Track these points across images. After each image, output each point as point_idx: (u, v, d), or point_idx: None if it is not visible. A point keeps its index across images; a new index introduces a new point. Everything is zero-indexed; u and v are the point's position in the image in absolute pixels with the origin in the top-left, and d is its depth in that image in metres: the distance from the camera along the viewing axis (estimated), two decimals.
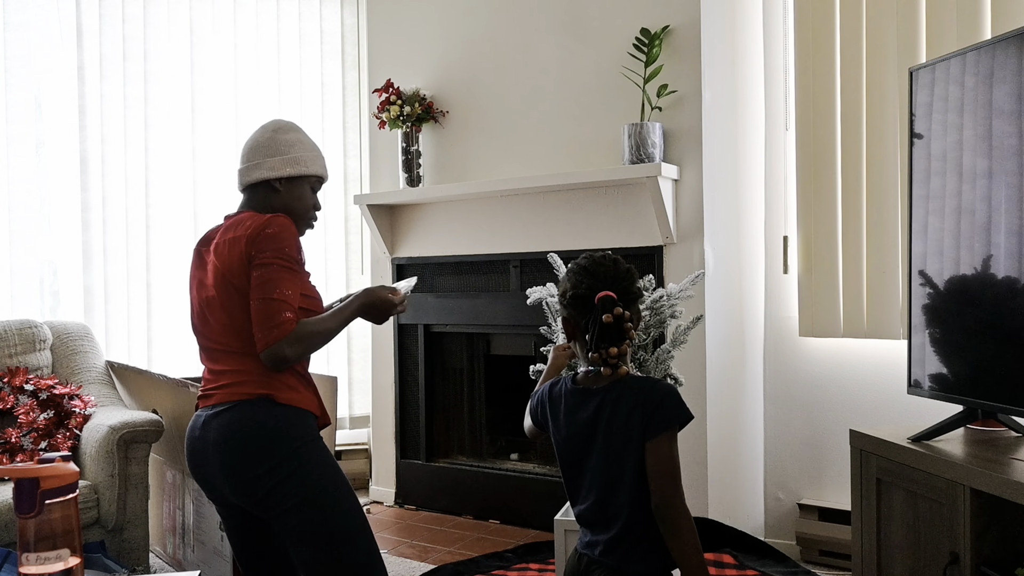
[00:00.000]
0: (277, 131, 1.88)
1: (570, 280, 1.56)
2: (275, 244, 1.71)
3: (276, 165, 1.83)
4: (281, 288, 1.68)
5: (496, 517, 3.66)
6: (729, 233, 3.23)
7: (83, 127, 3.65)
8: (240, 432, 1.71)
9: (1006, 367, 1.74)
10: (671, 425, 1.45)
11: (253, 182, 1.85)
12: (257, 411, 1.72)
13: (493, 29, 3.65)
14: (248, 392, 1.73)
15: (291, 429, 1.73)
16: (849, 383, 3.12)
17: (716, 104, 3.17)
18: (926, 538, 1.79)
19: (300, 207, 1.88)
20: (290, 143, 1.86)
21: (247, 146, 1.89)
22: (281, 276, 1.69)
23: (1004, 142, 1.74)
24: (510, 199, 3.55)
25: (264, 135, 1.88)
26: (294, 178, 1.85)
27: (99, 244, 3.68)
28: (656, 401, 1.46)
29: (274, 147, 1.85)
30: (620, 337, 1.47)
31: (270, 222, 1.73)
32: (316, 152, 1.90)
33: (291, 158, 1.85)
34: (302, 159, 1.86)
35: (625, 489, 1.46)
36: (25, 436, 2.83)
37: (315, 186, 1.90)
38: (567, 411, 1.56)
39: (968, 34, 2.69)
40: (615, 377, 1.49)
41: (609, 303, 1.47)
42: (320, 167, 1.90)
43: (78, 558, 1.41)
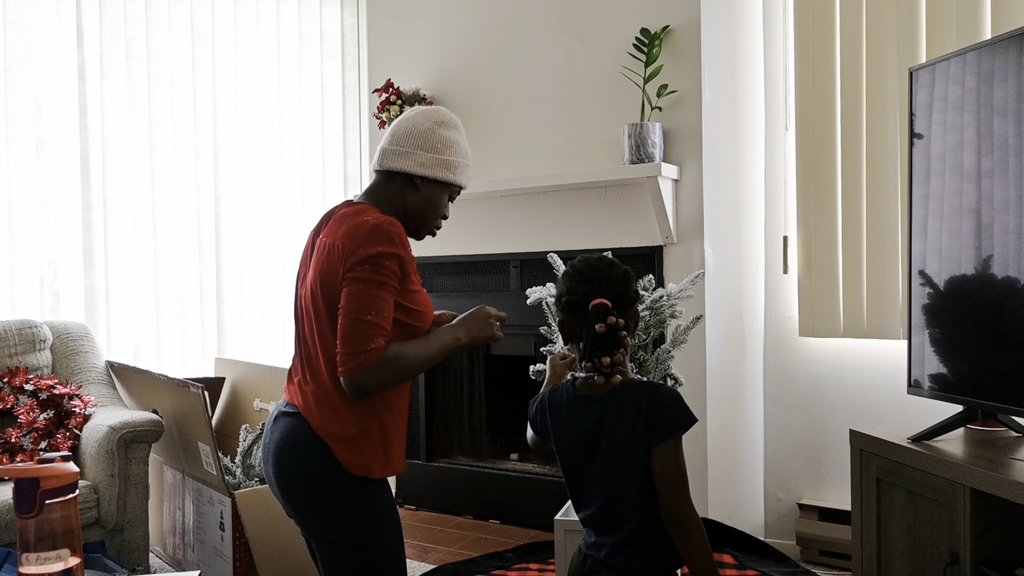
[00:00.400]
0: (439, 125, 1.68)
1: (564, 284, 1.54)
2: (377, 256, 1.51)
3: (427, 163, 1.65)
4: (377, 308, 1.49)
5: (496, 517, 3.66)
6: (729, 233, 3.23)
7: (84, 127, 3.64)
8: (298, 440, 1.59)
9: (1006, 367, 1.74)
10: (675, 431, 1.44)
11: (394, 170, 1.66)
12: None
13: (493, 29, 3.65)
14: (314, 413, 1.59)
15: None
16: (849, 383, 3.12)
17: (716, 104, 3.17)
18: (926, 538, 1.79)
19: (433, 215, 1.70)
20: (448, 143, 1.67)
21: (401, 128, 1.67)
22: (372, 293, 1.50)
23: (1004, 142, 1.74)
24: (510, 199, 3.55)
25: (424, 124, 1.67)
26: (439, 182, 1.67)
27: (100, 244, 3.68)
28: (660, 408, 1.44)
29: (431, 142, 1.65)
30: (614, 346, 1.45)
31: (378, 228, 1.52)
32: (469, 160, 1.72)
33: (444, 160, 1.66)
34: (455, 165, 1.67)
35: (632, 495, 1.45)
36: (25, 436, 2.83)
37: (453, 195, 1.72)
38: (568, 418, 1.54)
39: (968, 34, 2.69)
40: (612, 384, 1.47)
41: (603, 311, 1.45)
42: (468, 179, 1.72)
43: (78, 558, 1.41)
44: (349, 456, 1.56)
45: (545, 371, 2.56)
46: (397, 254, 1.52)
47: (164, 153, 3.84)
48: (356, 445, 1.56)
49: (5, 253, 3.48)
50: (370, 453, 1.57)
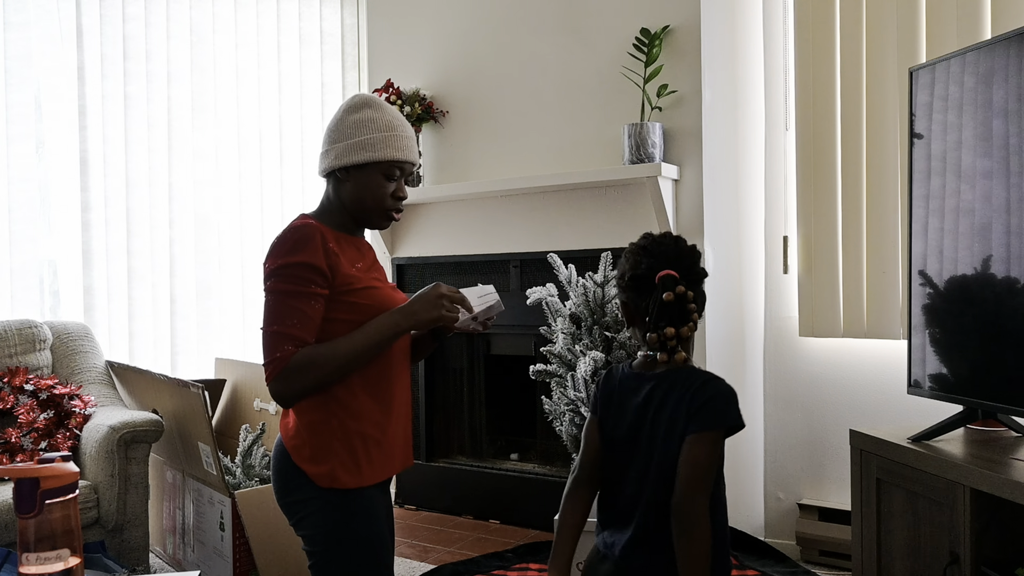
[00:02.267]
0: (348, 110, 1.61)
1: (628, 261, 1.48)
2: (278, 261, 1.49)
3: (341, 152, 1.58)
4: (282, 317, 1.47)
5: (496, 517, 3.66)
6: (729, 233, 3.23)
7: (83, 127, 3.65)
8: (276, 462, 1.61)
9: (1006, 367, 1.74)
10: (715, 426, 1.38)
11: (324, 173, 1.63)
12: None
13: (493, 29, 3.65)
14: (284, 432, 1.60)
15: None
16: (849, 383, 3.12)
17: (716, 104, 3.17)
18: (926, 538, 1.79)
19: (371, 199, 1.59)
20: (359, 124, 1.58)
21: (326, 130, 1.65)
22: (279, 303, 1.48)
23: (1004, 142, 1.73)
24: (510, 199, 3.55)
25: (336, 116, 1.62)
26: (362, 165, 1.57)
27: (100, 244, 3.68)
28: (707, 398, 1.38)
29: (342, 130, 1.59)
30: (682, 319, 1.39)
31: (281, 238, 1.52)
32: (391, 132, 1.58)
33: (357, 143, 1.57)
34: (370, 142, 1.57)
35: (664, 485, 1.39)
36: (25, 436, 2.83)
37: (389, 172, 1.59)
38: (620, 397, 1.48)
39: (968, 34, 2.69)
40: (673, 365, 1.41)
41: (671, 282, 1.40)
42: (394, 149, 1.58)
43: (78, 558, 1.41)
44: (311, 466, 1.53)
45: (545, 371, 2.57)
46: (301, 262, 1.48)
47: (164, 153, 3.84)
48: (314, 452, 1.53)
49: (5, 253, 3.48)
50: (332, 458, 1.53)
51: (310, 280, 1.48)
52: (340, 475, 1.54)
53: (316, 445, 1.54)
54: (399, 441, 1.64)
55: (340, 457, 1.54)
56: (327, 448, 1.54)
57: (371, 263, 1.67)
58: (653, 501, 1.41)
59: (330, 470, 1.53)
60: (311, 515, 1.55)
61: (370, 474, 1.57)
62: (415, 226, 3.88)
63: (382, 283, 1.64)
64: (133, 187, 3.77)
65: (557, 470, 3.56)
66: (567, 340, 2.52)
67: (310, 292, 1.49)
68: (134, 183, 3.77)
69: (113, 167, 3.72)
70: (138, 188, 3.78)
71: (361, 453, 1.56)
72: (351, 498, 1.55)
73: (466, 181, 3.67)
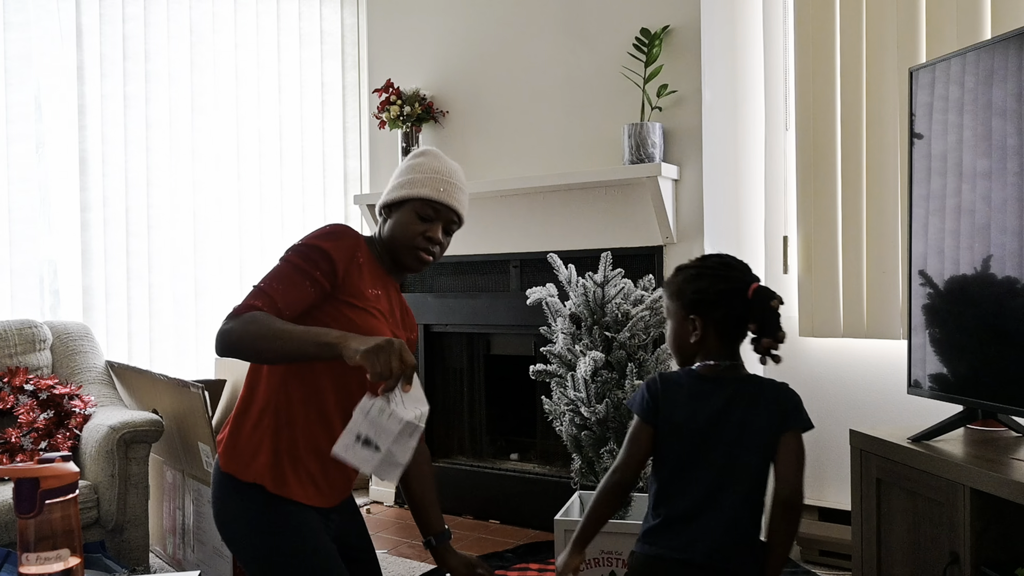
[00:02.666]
0: (410, 157, 1.70)
1: (710, 277, 1.58)
2: (304, 239, 1.56)
3: (388, 191, 1.67)
4: (273, 279, 1.50)
5: (496, 517, 3.66)
6: (729, 233, 3.23)
7: (83, 127, 3.65)
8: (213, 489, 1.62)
9: (1006, 367, 1.74)
10: (808, 425, 1.55)
11: (377, 213, 1.72)
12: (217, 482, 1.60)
13: (493, 29, 3.65)
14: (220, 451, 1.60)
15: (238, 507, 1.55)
16: (849, 383, 3.12)
17: (716, 104, 3.17)
18: (926, 538, 1.79)
19: (401, 236, 1.63)
20: (410, 167, 1.66)
21: None
22: (281, 270, 1.52)
23: (1004, 142, 1.73)
24: (510, 199, 3.55)
25: (399, 166, 1.71)
26: (400, 203, 1.64)
27: (99, 244, 3.68)
28: (795, 402, 1.56)
29: (397, 173, 1.69)
30: (778, 326, 1.54)
31: (317, 228, 1.61)
32: (430, 174, 1.63)
33: (400, 182, 1.65)
34: (410, 181, 1.63)
35: (746, 485, 1.52)
36: (25, 436, 2.83)
37: (423, 211, 1.62)
38: (691, 396, 1.56)
39: (968, 34, 2.69)
40: (740, 372, 1.57)
41: (769, 291, 1.54)
42: (429, 189, 1.62)
43: (78, 558, 1.41)
44: (237, 464, 1.53)
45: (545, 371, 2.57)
46: (321, 247, 1.53)
47: (164, 153, 3.84)
48: (243, 448, 1.54)
49: (5, 253, 3.48)
50: (260, 456, 1.53)
51: (319, 266, 1.52)
52: (265, 474, 1.52)
53: (247, 442, 1.54)
54: (337, 479, 1.61)
55: (267, 459, 1.53)
56: (258, 446, 1.54)
57: (389, 303, 1.66)
58: (746, 498, 1.52)
59: (257, 467, 1.52)
60: (237, 520, 1.54)
61: (296, 492, 1.54)
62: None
63: (386, 318, 1.61)
64: (133, 187, 3.77)
65: (557, 470, 3.56)
66: (567, 340, 2.52)
67: (313, 275, 1.51)
68: (134, 183, 3.77)
69: (113, 167, 3.72)
70: (138, 188, 3.78)
71: (288, 469, 1.53)
72: (278, 506, 1.53)
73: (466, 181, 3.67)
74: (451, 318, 3.75)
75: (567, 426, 2.48)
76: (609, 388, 2.39)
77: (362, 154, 4.38)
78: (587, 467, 2.48)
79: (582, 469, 2.49)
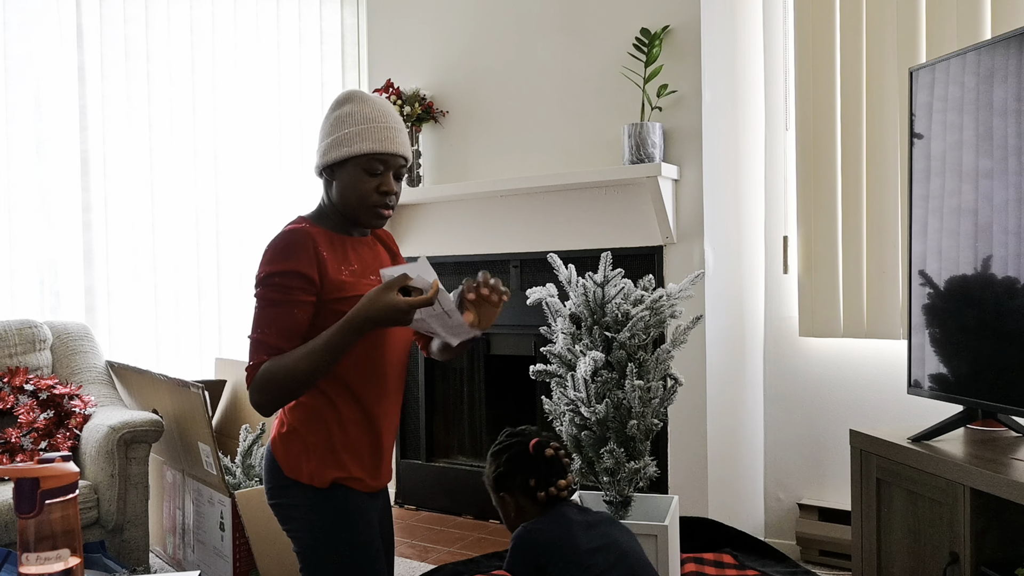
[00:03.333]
0: (332, 107, 1.56)
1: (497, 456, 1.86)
2: (266, 268, 1.47)
3: (323, 151, 1.54)
4: (262, 324, 1.47)
5: (496, 517, 3.65)
6: (729, 233, 3.23)
7: (84, 127, 3.64)
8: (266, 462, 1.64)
9: (1006, 367, 1.74)
10: None
11: (317, 173, 1.59)
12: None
13: (493, 29, 3.65)
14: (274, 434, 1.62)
15: None
16: (849, 383, 3.12)
17: (716, 104, 3.17)
18: (926, 538, 1.79)
19: (354, 196, 1.52)
20: (339, 120, 1.53)
21: None
22: (262, 312, 1.47)
23: (1004, 142, 1.74)
24: (510, 199, 3.55)
25: (326, 114, 1.57)
26: (342, 162, 1.52)
27: (100, 244, 3.68)
28: None
29: (326, 128, 1.55)
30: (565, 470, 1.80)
31: (271, 243, 1.50)
32: (369, 124, 1.51)
33: (336, 139, 1.52)
34: (347, 137, 1.50)
35: None
36: (25, 436, 2.83)
37: (370, 166, 1.51)
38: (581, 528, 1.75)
39: (968, 34, 2.69)
40: None
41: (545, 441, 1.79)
42: (371, 141, 1.50)
43: (78, 558, 1.41)
44: (294, 466, 1.55)
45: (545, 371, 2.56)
46: (287, 270, 1.45)
47: (164, 153, 3.84)
48: (297, 452, 1.55)
49: (5, 253, 3.48)
50: (313, 458, 1.54)
51: (296, 288, 1.46)
52: (323, 471, 1.54)
53: (299, 445, 1.55)
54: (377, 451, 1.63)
55: (320, 454, 1.55)
56: (309, 448, 1.55)
57: (368, 263, 1.62)
58: None
59: (311, 469, 1.54)
60: (297, 517, 1.56)
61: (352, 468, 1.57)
62: (415, 226, 3.88)
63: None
64: (133, 187, 3.76)
65: None
66: (567, 340, 2.51)
67: (294, 300, 1.47)
68: (134, 183, 3.77)
69: (113, 167, 3.72)
70: (138, 188, 3.78)
71: (341, 453, 1.56)
72: (337, 500, 1.55)
73: (466, 181, 3.67)
74: None
75: (567, 426, 2.48)
76: (609, 388, 2.38)
77: None
78: (587, 467, 2.47)
79: (582, 469, 2.49)
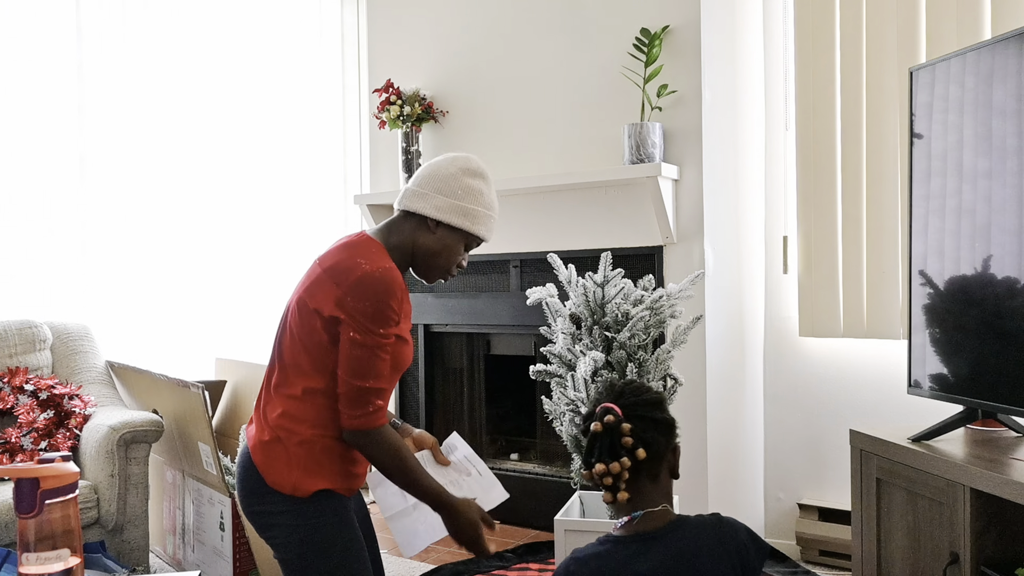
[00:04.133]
0: (464, 172, 1.63)
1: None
2: (373, 315, 1.50)
3: (443, 207, 1.61)
4: (377, 374, 1.52)
5: (496, 517, 3.64)
6: (729, 233, 3.23)
7: (83, 127, 3.64)
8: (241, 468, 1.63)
9: (1006, 367, 1.74)
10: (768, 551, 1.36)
11: (411, 211, 1.63)
12: None
13: (493, 29, 3.65)
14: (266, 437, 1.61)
15: None
16: (849, 383, 3.12)
17: (716, 104, 3.17)
18: (926, 538, 1.79)
19: (445, 260, 1.65)
20: (470, 191, 1.62)
21: (426, 170, 1.65)
22: (376, 358, 1.52)
23: (1004, 142, 1.74)
24: (510, 199, 3.55)
25: (449, 168, 1.63)
26: (455, 228, 1.62)
27: (100, 244, 3.68)
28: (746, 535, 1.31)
29: (452, 187, 1.61)
30: (612, 453, 1.28)
31: (368, 278, 1.50)
32: (491, 212, 1.65)
33: (462, 207, 1.61)
34: (473, 213, 1.62)
35: None
36: (25, 436, 2.83)
37: (470, 244, 1.66)
38: (620, 566, 1.27)
39: (968, 34, 2.69)
40: (666, 518, 1.29)
41: (599, 414, 1.31)
42: (487, 230, 1.65)
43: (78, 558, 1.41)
44: (275, 476, 1.55)
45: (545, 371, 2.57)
46: (389, 316, 1.51)
47: (163, 152, 3.84)
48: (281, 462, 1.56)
49: (5, 253, 3.48)
50: (296, 467, 1.55)
51: (391, 335, 1.54)
52: (306, 481, 1.56)
53: (281, 453, 1.56)
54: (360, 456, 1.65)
55: (303, 463, 1.56)
56: (291, 459, 1.56)
57: None
58: None
59: (294, 480, 1.55)
60: (279, 524, 1.56)
61: (334, 478, 1.59)
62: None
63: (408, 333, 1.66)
64: (133, 187, 3.76)
65: (557, 470, 3.56)
66: (567, 340, 2.51)
67: (392, 340, 1.54)
68: (133, 183, 3.77)
69: (113, 167, 3.71)
70: (138, 188, 3.77)
71: (324, 460, 1.58)
72: (319, 504, 1.56)
73: None
74: (451, 318, 3.75)
75: (567, 426, 2.48)
76: None
77: (362, 154, 4.38)
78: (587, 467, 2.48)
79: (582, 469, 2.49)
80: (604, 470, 1.28)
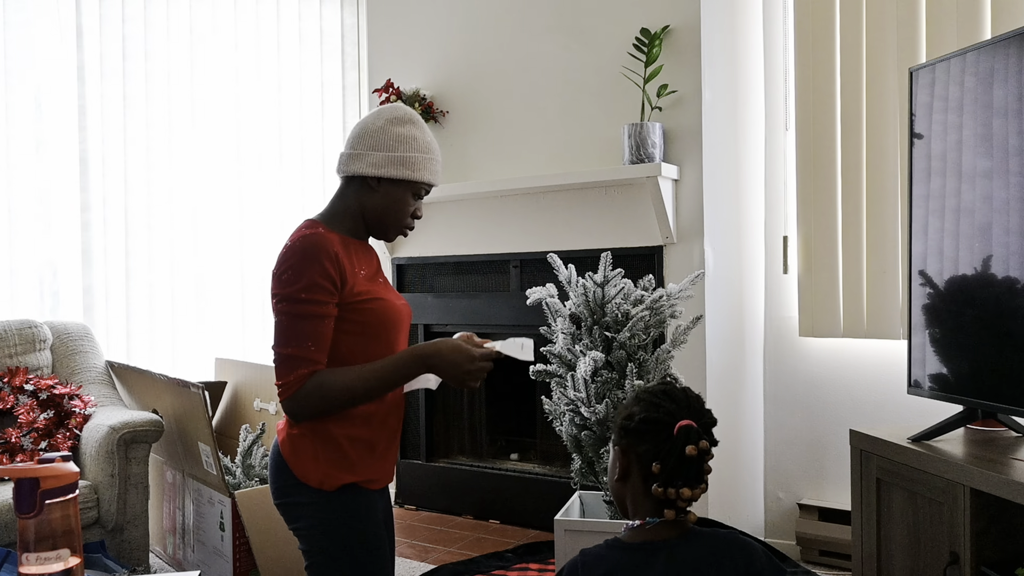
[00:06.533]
0: (391, 121, 1.59)
1: (642, 402, 1.32)
2: (291, 280, 1.49)
3: (379, 162, 1.57)
4: (296, 339, 1.49)
5: (496, 517, 3.66)
6: (729, 233, 3.23)
7: (83, 127, 3.64)
8: (273, 462, 1.62)
9: (1006, 367, 1.74)
10: (785, 572, 1.31)
11: (349, 174, 1.60)
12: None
13: (493, 29, 3.65)
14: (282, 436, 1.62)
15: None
16: (849, 383, 3.12)
17: (716, 104, 3.17)
18: (926, 538, 1.79)
19: (395, 214, 1.62)
20: (403, 139, 1.58)
21: (356, 129, 1.61)
22: (294, 325, 1.50)
23: (1004, 142, 1.73)
24: (510, 199, 3.55)
25: (376, 123, 1.59)
26: (397, 180, 1.59)
27: (99, 244, 3.68)
28: (762, 555, 1.27)
29: (383, 139, 1.57)
30: (698, 478, 1.25)
31: (290, 251, 1.51)
32: (430, 154, 1.61)
33: (399, 157, 1.57)
34: (411, 161, 1.58)
35: None
36: (25, 436, 2.83)
37: (418, 192, 1.62)
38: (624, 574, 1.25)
39: (968, 34, 2.69)
40: (681, 528, 1.27)
41: (695, 434, 1.25)
42: (430, 173, 1.61)
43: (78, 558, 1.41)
44: (304, 467, 1.54)
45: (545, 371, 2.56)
46: (311, 280, 1.48)
47: (164, 153, 3.84)
48: (307, 453, 1.55)
49: (5, 253, 3.48)
50: (323, 459, 1.55)
51: (321, 300, 1.49)
52: (333, 475, 1.55)
53: (308, 447, 1.55)
54: (389, 446, 1.65)
55: (330, 457, 1.55)
56: (319, 453, 1.55)
57: (376, 268, 1.69)
58: None
59: (321, 475, 1.55)
60: (306, 516, 1.56)
61: (362, 471, 1.58)
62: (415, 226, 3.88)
63: (385, 291, 1.64)
64: (132, 187, 3.76)
65: (557, 470, 3.56)
66: (567, 340, 2.51)
67: (322, 312, 1.50)
68: (133, 183, 3.77)
69: (112, 167, 3.72)
70: (138, 188, 3.78)
71: (351, 453, 1.57)
72: (346, 498, 1.56)
73: (466, 181, 3.67)
74: (451, 318, 3.74)
75: (567, 426, 2.48)
76: (609, 388, 2.38)
77: None
78: (587, 467, 2.48)
79: (582, 469, 2.49)
80: (690, 495, 1.24)
